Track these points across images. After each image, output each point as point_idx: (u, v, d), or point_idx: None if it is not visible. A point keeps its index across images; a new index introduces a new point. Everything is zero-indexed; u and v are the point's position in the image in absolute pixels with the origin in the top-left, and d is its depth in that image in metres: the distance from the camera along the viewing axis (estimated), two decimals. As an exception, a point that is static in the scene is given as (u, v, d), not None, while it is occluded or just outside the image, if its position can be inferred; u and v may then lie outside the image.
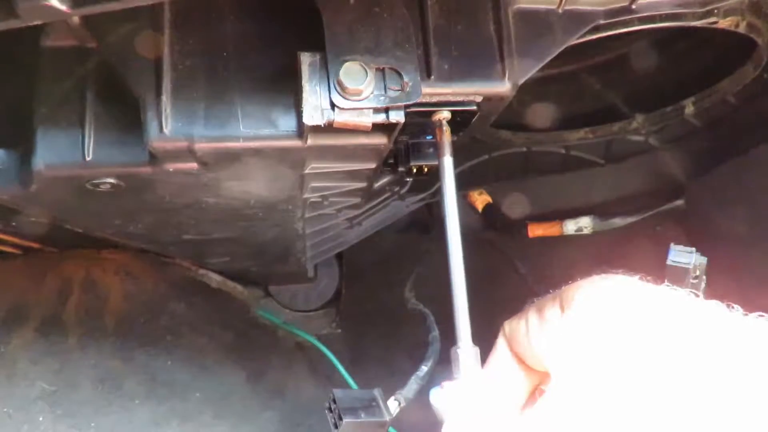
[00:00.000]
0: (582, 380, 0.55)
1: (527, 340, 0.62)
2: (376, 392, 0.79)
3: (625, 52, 1.19)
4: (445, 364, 0.83)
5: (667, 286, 0.62)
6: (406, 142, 0.72)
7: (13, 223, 0.95)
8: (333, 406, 0.74)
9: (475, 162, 1.28)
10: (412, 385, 0.80)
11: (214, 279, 1.35)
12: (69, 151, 0.68)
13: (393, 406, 0.78)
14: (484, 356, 0.70)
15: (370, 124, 0.62)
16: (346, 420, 0.72)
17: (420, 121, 0.69)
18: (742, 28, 0.80)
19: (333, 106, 0.60)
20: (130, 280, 1.20)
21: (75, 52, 0.68)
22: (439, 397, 0.68)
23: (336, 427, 0.73)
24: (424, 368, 0.82)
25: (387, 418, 0.75)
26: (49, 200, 0.77)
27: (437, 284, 0.86)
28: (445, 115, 0.68)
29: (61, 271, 1.18)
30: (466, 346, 0.67)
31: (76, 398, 1.03)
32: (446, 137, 0.71)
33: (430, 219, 1.52)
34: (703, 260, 0.73)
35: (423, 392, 0.80)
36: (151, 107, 0.63)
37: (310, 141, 0.65)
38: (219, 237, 1.01)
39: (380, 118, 0.62)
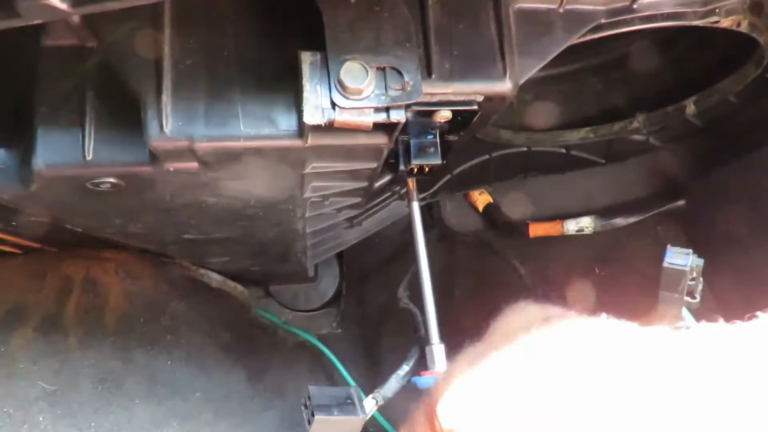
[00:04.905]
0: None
1: None
2: (353, 390, 0.79)
3: (627, 51, 1.19)
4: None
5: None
6: (407, 142, 0.72)
7: (13, 223, 0.95)
8: (308, 403, 0.74)
9: (475, 162, 1.28)
10: (392, 384, 0.81)
11: (214, 279, 1.35)
12: (69, 151, 0.67)
13: (370, 404, 0.79)
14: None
15: (371, 124, 0.61)
16: (317, 417, 0.73)
17: (421, 120, 0.69)
18: (743, 28, 0.80)
19: (334, 105, 0.60)
20: (130, 280, 1.20)
21: (75, 51, 0.68)
22: (422, 381, 0.79)
23: (309, 423, 0.73)
24: (405, 368, 0.83)
25: (361, 416, 0.76)
26: (49, 200, 0.76)
27: (434, 284, 0.87)
28: (445, 114, 0.68)
29: (61, 271, 1.18)
30: (435, 344, 0.82)
31: (76, 398, 1.02)
32: (414, 187, 0.89)
33: (430, 219, 1.53)
34: (700, 262, 0.73)
35: (404, 391, 0.81)
36: (151, 106, 0.63)
37: (310, 140, 0.65)
38: (219, 237, 1.01)
39: (381, 117, 0.61)
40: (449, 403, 0.55)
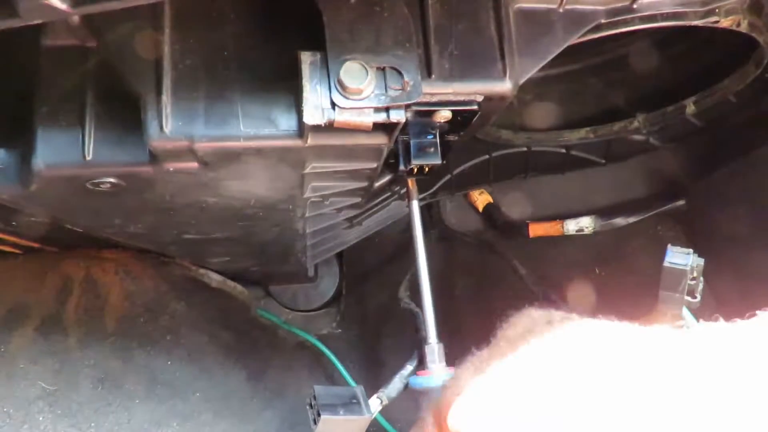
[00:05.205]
0: None
1: None
2: (358, 390, 0.79)
3: (626, 51, 1.19)
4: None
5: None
6: (407, 142, 0.72)
7: (13, 223, 0.95)
8: (313, 403, 0.74)
9: (475, 162, 1.28)
10: (396, 384, 0.81)
11: (214, 279, 1.35)
12: (69, 151, 0.67)
13: (375, 404, 0.79)
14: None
15: (371, 124, 0.61)
16: (323, 416, 0.73)
17: (421, 120, 0.69)
18: (743, 28, 0.80)
19: (333, 105, 0.60)
20: (130, 280, 1.20)
21: (75, 51, 0.68)
22: (418, 385, 0.79)
23: (315, 423, 0.73)
24: (409, 367, 0.83)
25: (367, 415, 0.76)
26: (49, 200, 0.76)
27: (434, 284, 0.87)
28: (445, 114, 0.68)
29: (61, 271, 1.18)
30: (433, 343, 0.82)
31: (76, 398, 1.02)
32: (414, 186, 0.90)
33: (430, 219, 1.53)
34: (701, 261, 0.73)
35: (407, 390, 0.81)
36: (151, 106, 0.63)
37: (310, 140, 0.65)
38: (219, 237, 1.01)
39: (381, 117, 0.61)
40: (459, 410, 0.55)
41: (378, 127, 0.63)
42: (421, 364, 0.83)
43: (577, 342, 0.55)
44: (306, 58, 0.61)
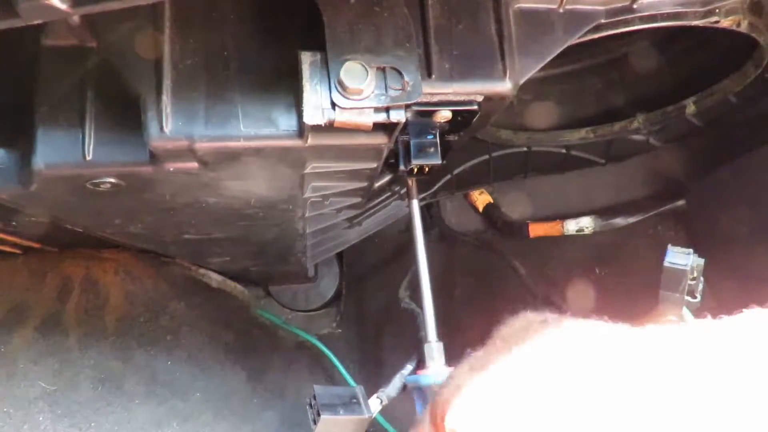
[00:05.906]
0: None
1: None
2: (358, 390, 0.79)
3: (627, 51, 1.19)
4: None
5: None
6: (407, 142, 0.72)
7: (13, 223, 0.95)
8: (313, 402, 0.75)
9: (475, 162, 1.28)
10: (396, 384, 0.81)
11: (215, 279, 1.35)
12: (69, 151, 0.67)
13: (375, 404, 0.79)
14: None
15: (371, 124, 0.61)
16: (323, 416, 0.73)
17: (421, 120, 0.69)
18: (743, 28, 0.80)
19: (334, 105, 0.60)
20: (130, 280, 1.20)
21: (75, 51, 0.68)
22: (414, 382, 0.79)
23: (314, 423, 0.73)
24: (409, 367, 0.83)
25: (366, 415, 0.76)
26: (49, 200, 0.76)
27: (434, 284, 0.87)
28: (445, 114, 0.68)
29: (61, 271, 1.18)
30: (432, 342, 0.81)
31: (76, 398, 1.03)
32: (414, 186, 0.90)
33: (430, 219, 1.53)
34: (701, 261, 0.73)
35: (407, 390, 0.82)
36: (151, 107, 0.63)
37: (310, 140, 0.65)
38: (219, 237, 1.01)
39: (381, 117, 0.61)
40: (457, 410, 0.55)
41: (378, 127, 0.63)
42: (421, 364, 0.83)
43: (571, 341, 0.55)
44: (306, 58, 0.61)
